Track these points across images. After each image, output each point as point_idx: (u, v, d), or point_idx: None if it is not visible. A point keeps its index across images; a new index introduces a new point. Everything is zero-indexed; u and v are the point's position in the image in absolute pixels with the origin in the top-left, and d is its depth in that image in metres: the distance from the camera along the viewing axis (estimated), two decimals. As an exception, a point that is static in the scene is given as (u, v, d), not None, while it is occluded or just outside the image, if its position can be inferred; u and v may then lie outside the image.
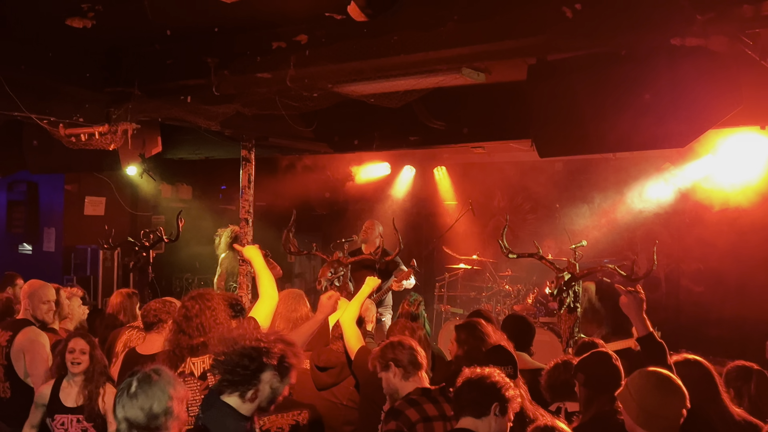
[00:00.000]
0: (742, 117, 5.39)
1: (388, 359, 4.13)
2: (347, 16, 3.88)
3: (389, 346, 4.19)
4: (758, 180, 8.28)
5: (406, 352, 4.14)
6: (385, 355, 4.15)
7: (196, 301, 4.46)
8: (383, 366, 4.14)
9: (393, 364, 4.11)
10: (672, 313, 10.17)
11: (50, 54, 6.38)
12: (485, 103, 7.70)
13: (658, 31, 4.61)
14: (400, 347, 4.16)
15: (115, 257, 10.36)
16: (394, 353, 4.14)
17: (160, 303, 5.19)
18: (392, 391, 4.12)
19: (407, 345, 4.18)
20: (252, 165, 8.38)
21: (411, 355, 4.13)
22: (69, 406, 4.69)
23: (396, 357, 4.12)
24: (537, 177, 10.89)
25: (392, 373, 4.10)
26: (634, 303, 4.23)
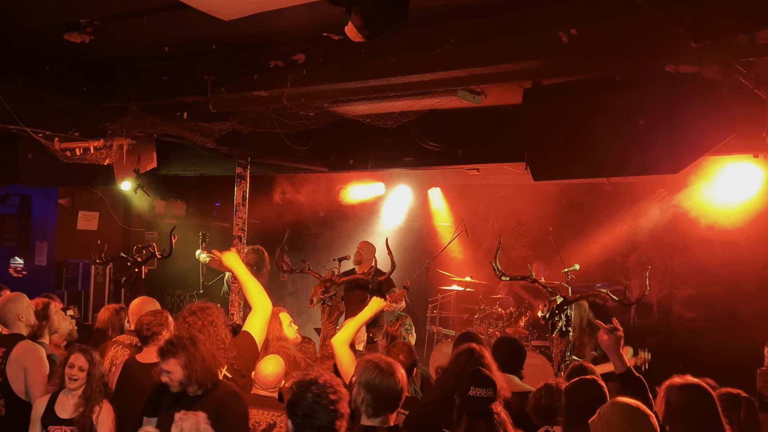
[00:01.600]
0: (735, 145, 5.43)
1: (362, 385, 3.64)
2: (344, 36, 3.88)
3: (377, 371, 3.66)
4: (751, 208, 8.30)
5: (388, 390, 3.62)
6: (361, 378, 3.67)
7: (198, 316, 4.46)
8: (360, 386, 3.65)
9: (364, 393, 3.61)
10: (664, 338, 10.18)
11: (47, 68, 6.39)
12: (480, 125, 7.74)
13: (653, 58, 4.65)
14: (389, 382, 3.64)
15: (107, 272, 10.30)
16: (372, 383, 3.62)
17: (151, 315, 5.17)
18: (354, 408, 3.62)
19: (400, 382, 3.67)
20: (247, 182, 8.38)
21: (392, 396, 3.64)
22: (63, 417, 4.66)
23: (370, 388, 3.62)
24: (531, 200, 10.91)
25: (360, 399, 3.61)
26: (612, 341, 4.24)
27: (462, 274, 10.91)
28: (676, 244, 10.03)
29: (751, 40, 4.34)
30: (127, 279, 8.62)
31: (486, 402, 4.08)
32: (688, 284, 10.02)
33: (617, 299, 6.08)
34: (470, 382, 4.12)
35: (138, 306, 5.85)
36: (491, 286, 10.74)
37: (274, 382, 4.57)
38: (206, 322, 4.44)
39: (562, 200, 10.95)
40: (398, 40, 4.87)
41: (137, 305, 5.87)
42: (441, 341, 10.19)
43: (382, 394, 3.60)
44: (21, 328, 5.34)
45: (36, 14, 5.51)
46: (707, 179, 8.36)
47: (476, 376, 4.21)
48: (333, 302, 6.80)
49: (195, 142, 7.17)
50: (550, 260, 9.61)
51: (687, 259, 9.84)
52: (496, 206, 11.65)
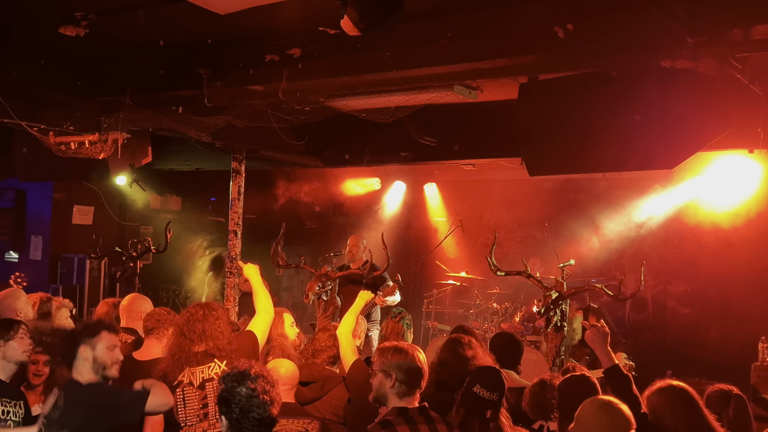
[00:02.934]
0: (730, 140, 5.44)
1: (393, 366, 3.78)
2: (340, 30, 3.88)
3: (402, 353, 3.84)
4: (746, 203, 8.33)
5: (417, 368, 3.80)
6: (390, 360, 3.80)
7: (201, 308, 4.49)
8: (384, 371, 3.79)
9: (396, 373, 3.76)
10: (658, 334, 10.20)
11: (42, 62, 6.37)
12: (476, 120, 7.74)
13: (648, 53, 4.66)
14: (414, 360, 3.82)
15: (102, 267, 10.28)
16: (403, 362, 3.80)
17: (165, 311, 5.25)
18: (380, 395, 3.83)
19: (422, 362, 3.86)
20: (242, 177, 8.37)
21: (420, 374, 3.82)
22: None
23: (402, 368, 3.78)
24: (526, 195, 10.92)
25: (389, 383, 3.76)
26: (597, 337, 4.27)
27: (457, 269, 10.92)
28: (671, 240, 10.04)
29: (746, 36, 4.36)
30: (123, 273, 8.63)
31: (487, 405, 4.03)
32: (682, 279, 10.04)
33: (612, 294, 6.10)
34: (478, 379, 4.09)
35: (129, 303, 5.84)
36: (487, 281, 10.75)
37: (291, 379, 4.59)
38: (209, 314, 4.47)
39: (558, 195, 10.96)
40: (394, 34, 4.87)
41: (129, 302, 5.86)
42: (436, 336, 10.20)
43: (411, 370, 3.77)
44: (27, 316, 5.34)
45: (31, 7, 5.49)
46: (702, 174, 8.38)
47: (486, 375, 4.15)
48: (328, 297, 6.83)
49: (190, 136, 7.16)
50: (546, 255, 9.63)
51: (682, 254, 9.87)
52: (492, 201, 11.65)
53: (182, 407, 4.33)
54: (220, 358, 4.43)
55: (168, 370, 4.37)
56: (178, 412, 4.32)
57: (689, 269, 9.90)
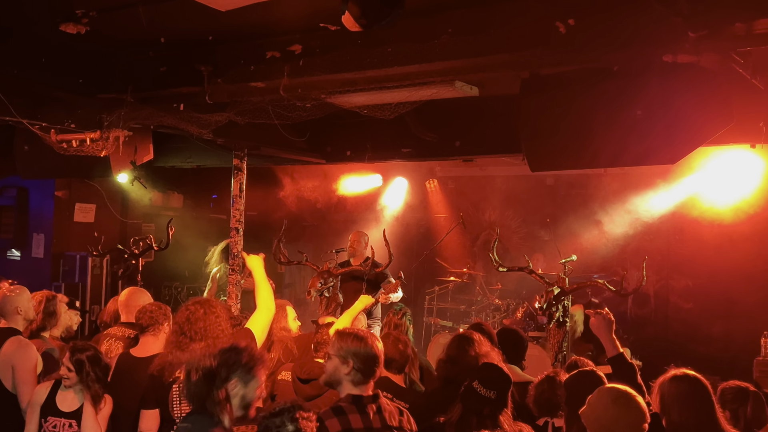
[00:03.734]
0: (732, 135, 5.43)
1: (351, 353, 3.74)
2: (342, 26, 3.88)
3: (362, 341, 3.80)
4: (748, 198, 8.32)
5: (374, 357, 3.78)
6: (349, 347, 3.76)
7: (201, 305, 4.48)
8: (341, 356, 3.75)
9: (353, 360, 3.73)
10: (661, 329, 10.21)
11: (43, 59, 6.36)
12: (478, 116, 7.73)
13: (650, 48, 4.64)
14: (372, 349, 3.79)
15: (104, 264, 10.30)
16: (362, 350, 3.76)
17: (155, 306, 5.18)
18: (333, 380, 3.80)
19: (379, 350, 3.84)
20: (244, 174, 8.37)
21: (377, 362, 3.79)
22: (63, 410, 4.62)
23: (360, 355, 3.74)
24: (528, 191, 10.92)
25: (346, 369, 3.73)
26: (603, 324, 4.26)
27: (459, 265, 10.91)
28: (673, 235, 10.04)
29: (749, 30, 4.34)
30: (125, 271, 8.62)
31: (484, 402, 4.02)
32: (685, 275, 10.04)
33: (614, 290, 6.09)
34: (478, 376, 4.09)
35: (127, 297, 5.82)
36: (488, 277, 10.75)
37: None
38: (208, 311, 4.46)
39: (560, 191, 10.96)
40: (396, 30, 4.86)
41: (126, 296, 5.84)
42: (438, 332, 10.21)
43: (369, 359, 3.74)
44: (18, 321, 5.30)
45: (31, 5, 5.48)
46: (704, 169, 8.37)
47: (485, 372, 4.14)
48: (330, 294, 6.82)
49: (192, 133, 7.15)
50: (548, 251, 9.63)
51: (684, 249, 9.86)
52: (494, 197, 11.65)
53: (177, 404, 4.32)
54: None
55: (165, 365, 4.37)
56: (173, 409, 4.32)
57: (691, 264, 9.90)
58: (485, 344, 4.87)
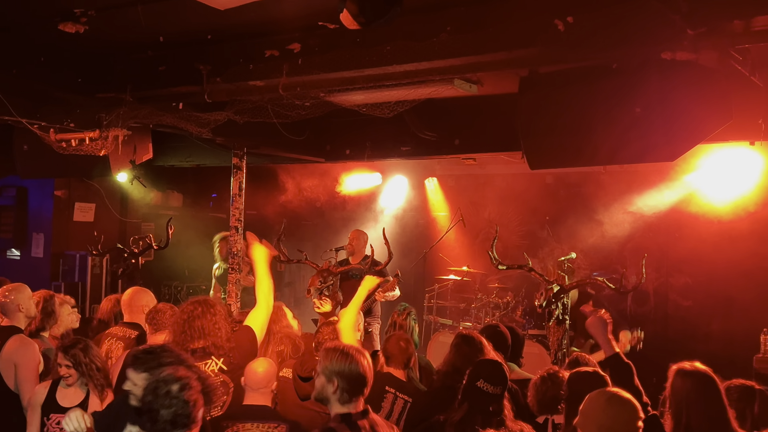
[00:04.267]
0: (731, 132, 5.43)
1: (335, 373, 3.64)
2: (340, 25, 3.88)
3: (347, 359, 3.68)
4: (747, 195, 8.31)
5: (361, 377, 3.67)
6: (334, 366, 3.66)
7: (200, 304, 4.48)
8: (327, 375, 3.66)
9: (338, 380, 3.63)
10: (660, 326, 10.20)
11: (42, 58, 6.37)
12: (477, 114, 7.74)
13: (649, 45, 4.65)
14: (358, 368, 3.67)
15: (103, 264, 10.29)
16: (346, 369, 3.66)
17: (167, 306, 5.22)
18: (322, 398, 3.71)
19: (366, 369, 3.70)
20: (243, 173, 8.37)
21: (364, 382, 3.69)
22: (66, 405, 4.57)
23: (344, 375, 3.64)
24: (527, 189, 10.91)
25: (332, 388, 3.64)
26: (598, 324, 4.26)
27: (459, 263, 10.91)
28: (672, 232, 10.03)
29: (747, 27, 4.35)
30: (124, 270, 8.62)
31: (491, 399, 4.05)
32: (684, 272, 10.03)
33: (614, 287, 6.10)
34: (481, 374, 4.10)
35: (130, 297, 5.83)
36: (488, 275, 10.75)
37: (265, 380, 4.52)
38: (207, 311, 4.46)
39: (559, 189, 10.95)
40: (394, 28, 4.87)
41: (130, 296, 5.85)
42: (438, 331, 10.22)
43: (355, 379, 3.63)
44: (20, 319, 5.31)
45: (30, 4, 5.48)
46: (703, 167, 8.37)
47: (489, 370, 4.16)
48: (330, 292, 6.82)
49: (191, 132, 7.15)
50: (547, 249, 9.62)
51: (683, 247, 9.85)
52: (493, 195, 11.65)
53: None
54: (217, 355, 4.43)
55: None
56: None
57: (691, 262, 9.89)
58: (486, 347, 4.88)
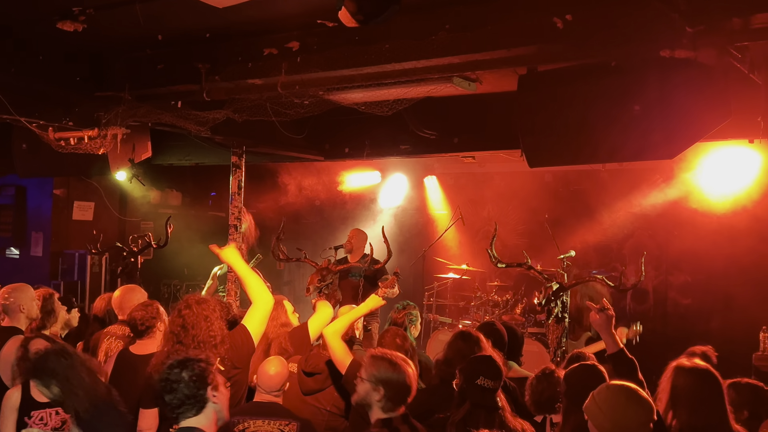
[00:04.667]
0: (730, 130, 5.43)
1: (381, 381, 3.68)
2: (339, 23, 3.88)
3: (395, 368, 3.73)
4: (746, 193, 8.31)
5: (406, 386, 3.72)
6: (381, 374, 3.70)
7: (192, 310, 4.44)
8: (373, 382, 3.70)
9: (384, 388, 3.67)
10: (659, 324, 10.20)
11: (41, 57, 6.36)
12: (476, 112, 7.73)
13: (647, 43, 4.64)
14: (405, 377, 3.72)
15: (103, 262, 10.30)
16: (394, 377, 3.70)
17: (142, 309, 5.13)
18: (364, 403, 3.76)
19: (411, 378, 3.76)
20: (242, 172, 8.37)
21: (408, 391, 3.73)
22: (42, 401, 4.42)
23: (391, 384, 3.68)
24: (527, 187, 10.92)
25: (377, 396, 3.69)
26: (603, 320, 4.26)
27: (458, 261, 10.91)
28: (671, 230, 10.03)
29: (746, 24, 4.34)
30: (123, 269, 8.63)
31: (492, 393, 4.09)
32: (683, 270, 10.03)
33: (613, 285, 6.10)
34: (480, 371, 4.11)
35: (121, 296, 5.81)
36: (487, 273, 10.75)
37: (279, 383, 4.52)
38: (200, 317, 4.43)
39: (558, 187, 10.96)
40: (393, 26, 4.87)
41: (120, 295, 5.83)
42: (438, 329, 10.22)
43: (400, 388, 3.69)
44: (21, 320, 5.30)
45: (29, 3, 5.48)
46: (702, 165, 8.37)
47: (486, 365, 4.18)
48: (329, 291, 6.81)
49: (190, 131, 7.15)
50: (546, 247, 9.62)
51: (683, 245, 9.85)
52: (492, 194, 11.65)
53: None
54: (214, 354, 4.42)
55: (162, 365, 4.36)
56: None
57: (690, 260, 9.89)
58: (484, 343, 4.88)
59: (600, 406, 3.43)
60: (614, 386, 3.51)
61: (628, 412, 3.36)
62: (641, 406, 3.38)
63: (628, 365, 4.05)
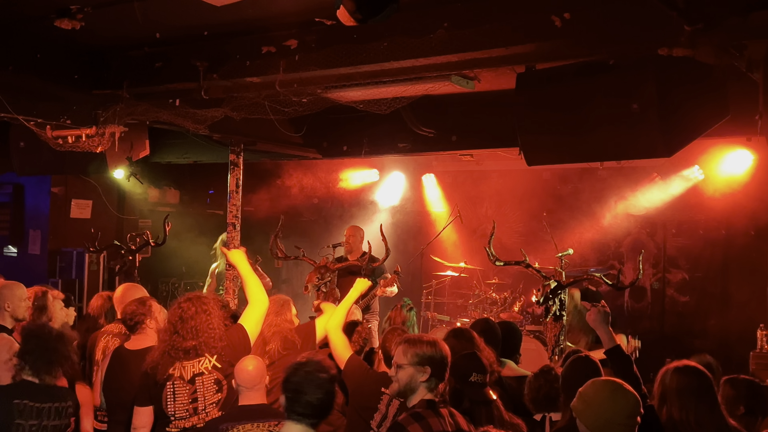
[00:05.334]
0: (728, 128, 5.44)
1: (427, 359, 3.71)
2: (337, 21, 3.88)
3: (435, 346, 3.78)
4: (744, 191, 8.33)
5: (447, 361, 3.78)
6: (425, 352, 3.73)
7: (192, 303, 4.47)
8: (418, 364, 3.72)
9: (430, 367, 3.70)
10: (656, 322, 10.23)
11: (38, 55, 6.35)
12: (474, 110, 7.74)
13: (646, 42, 4.65)
14: (445, 353, 3.79)
15: (101, 261, 10.27)
16: (437, 354, 3.76)
17: (134, 305, 5.14)
18: (407, 389, 3.76)
19: (447, 350, 3.82)
20: (240, 170, 8.37)
21: (447, 364, 3.80)
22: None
23: (436, 360, 3.73)
24: (525, 185, 10.92)
25: (423, 377, 3.71)
26: (599, 317, 4.28)
27: (456, 259, 10.92)
28: (669, 228, 10.05)
29: (744, 23, 4.34)
30: (122, 267, 8.62)
31: (484, 387, 4.14)
32: (681, 268, 10.05)
33: (611, 283, 6.10)
34: (471, 368, 4.14)
35: (122, 294, 5.82)
36: (485, 271, 10.76)
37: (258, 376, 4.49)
38: (200, 309, 4.45)
39: (556, 185, 10.97)
40: (391, 24, 4.86)
41: (121, 293, 5.84)
42: (435, 327, 10.21)
43: (444, 364, 3.75)
44: (5, 318, 5.26)
45: (26, 1, 5.47)
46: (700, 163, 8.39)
47: (475, 361, 4.22)
48: (328, 289, 6.82)
49: (188, 129, 7.15)
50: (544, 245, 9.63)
51: (680, 243, 9.88)
52: (490, 192, 11.65)
53: (172, 401, 4.34)
54: (210, 353, 4.43)
55: (159, 363, 4.38)
56: (167, 406, 4.34)
57: (688, 258, 9.92)
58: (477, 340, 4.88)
59: (586, 402, 3.46)
60: (599, 381, 3.55)
61: (614, 406, 3.39)
62: (626, 399, 3.41)
63: (625, 361, 4.06)
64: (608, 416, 3.38)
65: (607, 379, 3.57)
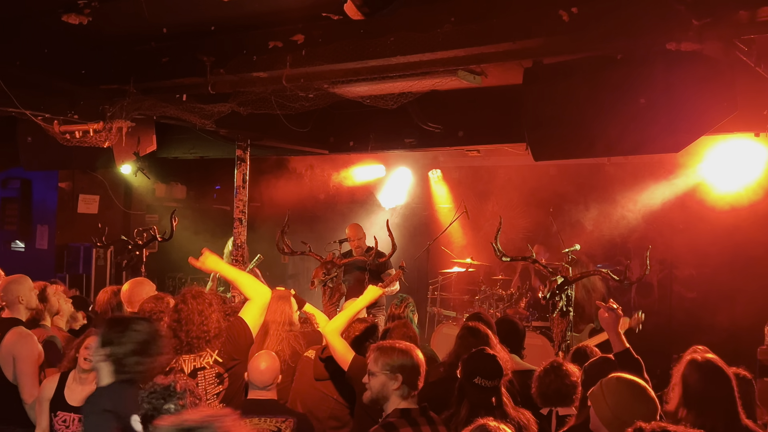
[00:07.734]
0: (736, 123, 5.41)
1: (398, 368, 3.74)
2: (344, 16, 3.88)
3: (407, 354, 3.81)
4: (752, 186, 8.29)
5: (419, 369, 3.80)
6: (396, 361, 3.76)
7: (188, 304, 4.47)
8: (389, 371, 3.74)
9: (402, 375, 3.73)
10: (664, 318, 10.20)
11: (46, 50, 6.36)
12: (481, 106, 7.72)
13: (654, 36, 4.63)
14: (417, 361, 3.80)
15: (108, 256, 10.32)
16: (409, 362, 3.78)
17: (153, 302, 5.14)
18: (380, 397, 3.80)
19: (422, 361, 3.84)
20: (247, 165, 8.38)
21: (420, 374, 3.80)
22: (73, 404, 4.45)
23: (407, 368, 3.75)
24: (531, 181, 10.90)
25: (395, 384, 3.74)
26: (612, 320, 4.30)
27: (463, 255, 10.91)
28: (676, 224, 10.02)
29: (753, 17, 4.32)
30: (129, 262, 8.65)
31: (489, 393, 4.06)
32: (688, 264, 10.03)
33: (618, 279, 6.09)
34: (477, 370, 4.09)
35: (130, 289, 5.82)
36: (492, 267, 10.75)
37: (271, 378, 4.50)
38: (194, 312, 4.45)
39: (563, 180, 10.94)
40: (398, 19, 4.86)
41: (129, 288, 5.84)
42: (442, 322, 10.22)
43: (416, 371, 3.76)
44: (20, 311, 5.30)
45: (33, -4, 5.49)
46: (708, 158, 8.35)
47: (483, 364, 4.14)
48: (334, 284, 6.84)
49: (194, 124, 7.15)
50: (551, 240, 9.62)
51: (688, 238, 9.84)
52: (497, 187, 11.63)
53: None
54: (211, 347, 4.44)
55: None
56: None
57: (695, 254, 9.88)
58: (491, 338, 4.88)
59: (606, 394, 3.44)
60: (624, 379, 3.51)
61: (632, 408, 3.35)
62: (646, 405, 3.38)
63: (634, 364, 4.06)
64: (623, 416, 3.31)
65: (633, 380, 3.52)
